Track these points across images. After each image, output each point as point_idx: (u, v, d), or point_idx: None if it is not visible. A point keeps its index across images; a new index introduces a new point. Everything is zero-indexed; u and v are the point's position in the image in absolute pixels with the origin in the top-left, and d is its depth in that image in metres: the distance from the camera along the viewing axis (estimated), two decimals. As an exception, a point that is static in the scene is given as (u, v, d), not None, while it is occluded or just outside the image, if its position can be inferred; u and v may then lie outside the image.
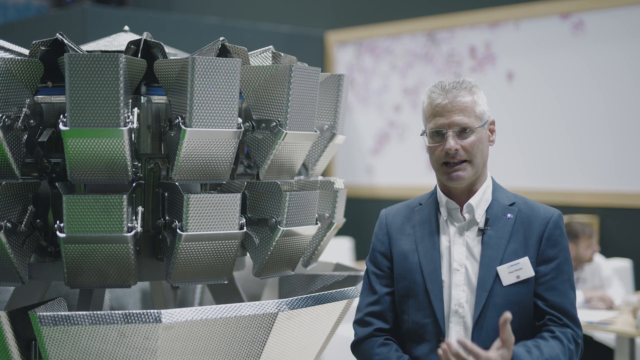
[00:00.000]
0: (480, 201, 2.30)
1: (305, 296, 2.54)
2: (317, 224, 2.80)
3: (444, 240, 2.31)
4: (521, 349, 2.13)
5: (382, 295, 2.38)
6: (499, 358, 2.05)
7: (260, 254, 2.69)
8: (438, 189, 2.37)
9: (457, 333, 2.24)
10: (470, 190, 2.31)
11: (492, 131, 2.34)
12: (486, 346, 2.16)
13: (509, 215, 2.27)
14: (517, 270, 2.22)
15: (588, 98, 6.08)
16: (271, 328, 2.48)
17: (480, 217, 2.29)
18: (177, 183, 2.56)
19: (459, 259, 2.27)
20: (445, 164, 2.27)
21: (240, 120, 2.56)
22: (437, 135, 2.27)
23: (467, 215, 2.29)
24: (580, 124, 6.12)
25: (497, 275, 2.22)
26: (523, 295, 2.22)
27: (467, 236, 2.29)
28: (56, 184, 2.61)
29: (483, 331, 2.21)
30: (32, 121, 2.61)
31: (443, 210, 2.33)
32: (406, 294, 2.32)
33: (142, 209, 2.59)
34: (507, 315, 2.03)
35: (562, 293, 2.23)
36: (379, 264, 2.41)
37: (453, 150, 2.23)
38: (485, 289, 2.21)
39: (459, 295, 2.25)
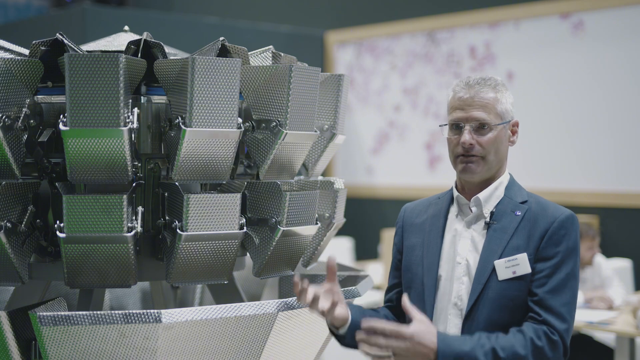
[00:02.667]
0: (490, 196, 2.31)
1: (305, 296, 2.54)
2: (317, 224, 2.80)
3: (449, 234, 2.33)
4: (457, 337, 2.14)
5: (392, 285, 2.48)
6: (417, 331, 2.07)
7: (260, 254, 2.69)
8: (454, 185, 2.40)
9: (455, 325, 2.26)
10: (482, 187, 2.32)
11: (513, 132, 2.35)
12: None
13: (517, 212, 2.27)
14: (514, 266, 2.22)
15: (588, 98, 6.08)
16: (271, 328, 2.48)
17: (488, 212, 2.30)
18: (177, 183, 2.57)
19: (462, 252, 2.29)
20: (460, 156, 2.29)
21: (240, 120, 2.56)
22: (455, 128, 2.29)
23: (474, 209, 2.31)
24: (581, 124, 6.12)
25: (494, 269, 2.22)
26: (518, 291, 2.21)
27: (473, 229, 2.30)
28: (56, 184, 2.61)
29: (474, 323, 2.21)
30: (32, 121, 2.61)
31: (455, 206, 2.36)
32: (409, 286, 2.37)
33: (142, 209, 2.60)
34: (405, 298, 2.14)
35: (552, 290, 2.19)
36: (394, 255, 2.49)
37: (467, 144, 2.25)
38: (481, 281, 2.22)
39: (459, 287, 2.27)
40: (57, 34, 2.61)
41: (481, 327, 2.21)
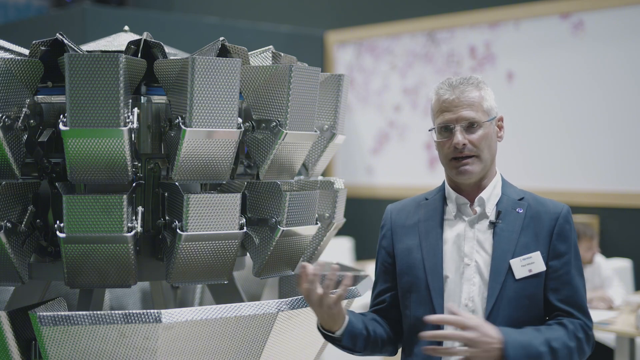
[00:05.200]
0: (490, 195, 2.32)
1: (305, 296, 2.54)
2: (317, 224, 2.80)
3: (449, 235, 2.32)
4: (512, 329, 2.16)
5: (381, 290, 2.46)
6: (479, 322, 2.10)
7: (260, 254, 2.69)
8: (446, 185, 2.39)
9: None
10: (479, 186, 2.33)
11: (500, 127, 2.36)
12: None
13: (519, 209, 2.29)
14: (529, 264, 2.24)
15: (588, 98, 6.08)
16: (271, 328, 2.48)
17: (490, 211, 2.30)
18: (177, 183, 2.57)
19: (470, 253, 2.28)
20: (454, 159, 2.28)
21: (240, 120, 2.56)
22: (445, 130, 2.29)
23: (478, 209, 2.31)
24: (580, 124, 6.12)
25: (510, 268, 2.24)
26: (534, 289, 2.25)
27: (477, 229, 2.30)
28: (56, 184, 2.61)
29: (495, 324, 2.21)
30: (32, 121, 2.62)
31: (452, 206, 2.35)
32: (409, 289, 2.34)
33: (142, 209, 2.60)
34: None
35: (574, 287, 2.26)
36: (382, 258, 2.46)
37: (461, 145, 2.25)
38: (498, 281, 2.23)
39: (470, 289, 2.26)
40: (57, 34, 2.61)
41: (501, 326, 2.22)
